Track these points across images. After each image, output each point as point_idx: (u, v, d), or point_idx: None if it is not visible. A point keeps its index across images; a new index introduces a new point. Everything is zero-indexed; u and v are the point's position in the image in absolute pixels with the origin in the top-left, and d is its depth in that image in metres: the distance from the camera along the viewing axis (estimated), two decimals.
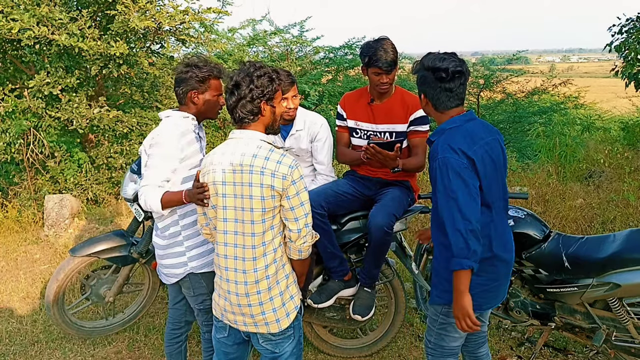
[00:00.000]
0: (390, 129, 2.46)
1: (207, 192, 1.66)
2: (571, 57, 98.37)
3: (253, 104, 1.62)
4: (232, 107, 1.65)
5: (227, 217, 1.66)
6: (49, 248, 4.32)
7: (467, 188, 1.64)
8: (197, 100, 2.01)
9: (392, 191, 2.46)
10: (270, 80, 1.65)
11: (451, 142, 1.68)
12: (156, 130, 1.98)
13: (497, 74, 8.76)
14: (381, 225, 2.27)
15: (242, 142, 1.65)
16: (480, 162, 1.68)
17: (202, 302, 2.10)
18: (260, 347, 1.77)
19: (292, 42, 7.68)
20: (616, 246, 2.21)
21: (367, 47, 2.32)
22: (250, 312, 1.69)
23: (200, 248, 2.06)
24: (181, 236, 2.02)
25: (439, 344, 1.92)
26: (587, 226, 4.19)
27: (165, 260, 2.07)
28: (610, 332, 2.26)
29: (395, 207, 2.37)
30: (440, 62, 1.70)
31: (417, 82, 1.80)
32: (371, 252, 2.37)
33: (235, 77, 1.63)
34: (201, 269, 2.05)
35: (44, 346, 2.91)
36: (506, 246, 1.83)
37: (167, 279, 2.13)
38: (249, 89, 1.61)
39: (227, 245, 1.68)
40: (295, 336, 1.78)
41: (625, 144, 6.54)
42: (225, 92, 1.68)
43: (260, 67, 1.65)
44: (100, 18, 4.92)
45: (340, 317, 2.62)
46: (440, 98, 1.74)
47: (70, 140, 5.45)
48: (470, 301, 1.66)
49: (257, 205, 1.61)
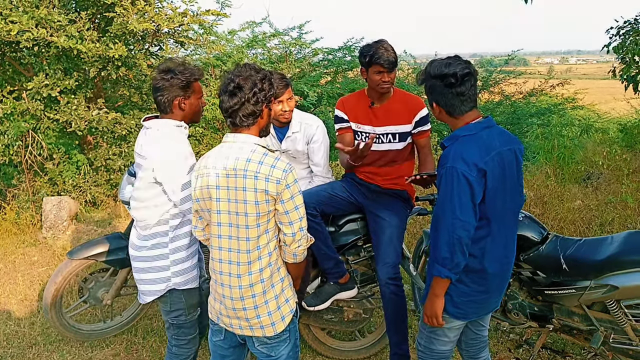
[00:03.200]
0: (391, 130, 2.44)
1: None
2: (569, 58, 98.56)
3: (256, 107, 1.61)
4: (232, 110, 1.60)
5: (222, 222, 1.65)
6: (47, 250, 4.32)
7: (468, 202, 1.63)
8: (185, 107, 1.94)
9: (388, 224, 2.38)
10: (271, 84, 1.65)
11: (463, 152, 1.64)
12: (161, 154, 1.84)
13: (494, 76, 8.77)
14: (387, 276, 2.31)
15: (235, 146, 1.63)
16: (490, 175, 1.65)
17: (177, 317, 2.03)
18: (256, 351, 1.77)
19: (291, 44, 7.69)
20: (614, 248, 2.21)
21: (367, 48, 2.33)
22: (245, 315, 1.68)
23: (185, 263, 1.98)
24: (168, 248, 1.93)
25: (429, 347, 1.93)
26: (585, 228, 4.20)
27: (145, 274, 1.96)
28: (608, 334, 2.26)
29: (396, 244, 2.37)
30: (446, 68, 1.67)
31: (427, 92, 1.76)
32: (388, 318, 2.39)
33: (237, 80, 1.59)
34: (185, 285, 1.98)
35: (42, 349, 2.90)
36: (502, 260, 1.80)
37: (142, 298, 2.01)
38: (252, 93, 1.59)
39: (221, 250, 1.68)
40: (291, 339, 1.77)
41: (624, 145, 6.54)
42: (222, 93, 1.63)
43: (260, 70, 1.64)
44: (99, 20, 4.92)
45: (338, 320, 2.61)
46: (454, 104, 1.70)
47: (68, 142, 5.45)
48: (441, 305, 1.74)
49: (252, 209, 1.59)
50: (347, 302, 2.60)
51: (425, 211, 2.76)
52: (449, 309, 1.78)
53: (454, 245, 1.63)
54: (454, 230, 1.63)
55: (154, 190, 1.89)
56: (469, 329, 2.00)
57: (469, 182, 1.61)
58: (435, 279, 1.71)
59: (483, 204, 1.67)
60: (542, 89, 8.92)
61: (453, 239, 1.63)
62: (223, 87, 1.62)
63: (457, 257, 1.65)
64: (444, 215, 1.65)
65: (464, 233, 1.63)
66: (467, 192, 1.62)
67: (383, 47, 2.29)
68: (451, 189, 1.63)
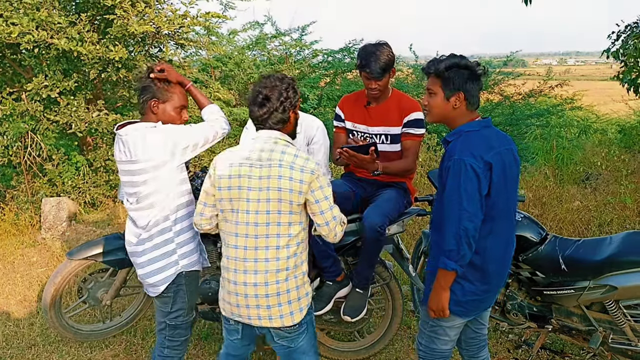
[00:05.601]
0: (384, 132, 2.47)
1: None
2: (568, 60, 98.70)
3: (284, 115, 1.76)
4: (263, 119, 1.76)
5: (250, 209, 1.71)
6: (46, 251, 4.31)
7: (475, 193, 1.64)
8: (157, 110, 1.94)
9: (387, 192, 2.46)
10: (295, 91, 1.80)
11: (470, 145, 1.68)
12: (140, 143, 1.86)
13: (493, 77, 8.78)
14: (374, 224, 2.27)
15: (270, 141, 1.75)
16: (495, 170, 1.67)
17: (176, 318, 2.04)
18: (277, 345, 1.83)
19: (291, 46, 7.71)
20: (613, 249, 2.22)
21: (362, 51, 2.35)
22: (267, 302, 1.73)
23: (190, 244, 2.01)
24: (172, 232, 1.95)
25: (430, 346, 1.94)
26: (584, 229, 4.20)
27: (153, 265, 1.96)
28: (606, 334, 2.26)
29: (389, 207, 2.37)
30: (468, 61, 1.73)
31: (455, 80, 1.72)
32: (364, 252, 2.38)
33: (265, 92, 1.74)
34: (192, 266, 2.02)
35: (41, 349, 2.90)
36: (502, 259, 1.82)
37: (154, 290, 2.01)
38: (279, 102, 1.74)
39: (247, 237, 1.72)
40: (309, 330, 1.85)
41: (622, 146, 6.56)
42: (251, 104, 1.77)
43: (284, 79, 1.78)
44: (99, 22, 4.92)
45: (337, 320, 2.62)
46: (477, 96, 1.76)
47: (68, 144, 5.46)
48: (447, 298, 1.75)
49: (286, 196, 1.68)
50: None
51: (424, 212, 2.76)
52: (451, 308, 1.79)
53: (460, 237, 1.64)
54: (461, 221, 1.64)
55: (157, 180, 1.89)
56: (469, 328, 2.01)
57: (476, 173, 1.63)
58: (440, 272, 1.72)
59: (489, 199, 1.69)
60: (540, 89, 8.93)
61: (460, 230, 1.64)
62: (252, 99, 1.77)
63: (464, 249, 1.65)
64: (451, 206, 1.66)
65: (471, 225, 1.64)
66: (474, 184, 1.64)
67: (376, 54, 2.28)
68: (458, 181, 1.65)
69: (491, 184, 1.68)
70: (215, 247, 2.62)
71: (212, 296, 2.49)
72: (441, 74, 1.74)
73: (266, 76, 1.80)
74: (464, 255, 1.66)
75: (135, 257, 2.01)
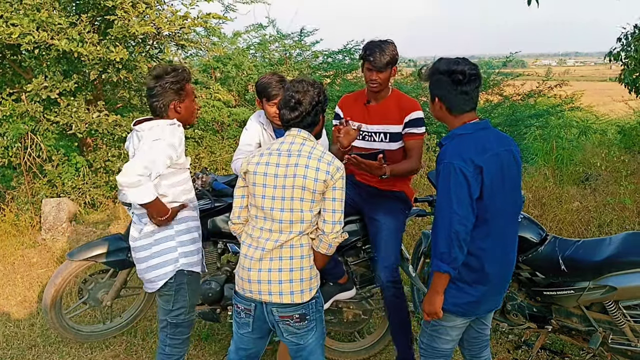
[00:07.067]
0: (383, 130, 2.47)
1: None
2: (567, 60, 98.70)
3: (315, 118, 1.84)
4: (295, 122, 1.82)
5: (276, 195, 1.77)
6: (46, 252, 4.32)
7: (465, 197, 1.65)
8: (180, 109, 2.02)
9: (386, 222, 2.39)
10: (325, 96, 1.87)
11: (460, 149, 1.69)
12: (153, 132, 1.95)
13: (493, 77, 8.79)
14: (386, 279, 2.32)
15: (299, 137, 1.82)
16: (487, 173, 1.67)
17: (177, 316, 2.07)
18: (286, 341, 1.87)
19: (291, 47, 7.70)
20: (612, 249, 2.22)
21: (368, 43, 2.39)
22: (279, 277, 1.77)
23: (191, 246, 2.06)
24: (173, 230, 2.01)
25: (431, 345, 1.95)
26: (584, 229, 4.21)
27: (152, 260, 2.01)
28: (606, 334, 2.26)
29: (392, 247, 2.38)
30: (455, 66, 1.72)
31: (431, 86, 1.80)
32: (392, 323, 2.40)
33: (297, 97, 1.80)
34: (191, 267, 2.05)
35: (42, 350, 2.90)
36: (502, 261, 1.82)
37: (151, 286, 2.05)
38: (311, 106, 1.81)
39: (266, 220, 1.80)
40: (318, 327, 1.89)
41: (622, 147, 6.57)
42: (282, 107, 1.83)
43: (314, 84, 1.85)
44: (100, 23, 4.93)
45: (338, 321, 2.62)
46: (457, 101, 1.74)
47: (68, 144, 5.45)
48: (441, 302, 1.76)
49: (310, 185, 1.75)
50: (347, 303, 2.60)
51: (424, 212, 2.77)
52: (451, 308, 1.80)
53: (451, 240, 1.66)
54: (451, 224, 1.65)
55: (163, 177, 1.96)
56: (472, 328, 2.01)
57: (465, 177, 1.64)
58: (435, 274, 1.73)
59: (481, 202, 1.69)
60: (540, 90, 8.94)
61: (450, 233, 1.65)
62: (284, 102, 1.84)
63: (455, 252, 1.67)
64: (442, 210, 1.68)
65: (461, 228, 1.65)
66: (464, 187, 1.65)
67: (381, 47, 2.32)
68: (448, 184, 1.66)
69: (483, 187, 1.68)
70: (215, 247, 2.62)
71: (212, 297, 2.49)
72: (426, 80, 1.81)
73: (298, 80, 1.85)
74: (455, 258, 1.68)
75: (136, 252, 2.05)
